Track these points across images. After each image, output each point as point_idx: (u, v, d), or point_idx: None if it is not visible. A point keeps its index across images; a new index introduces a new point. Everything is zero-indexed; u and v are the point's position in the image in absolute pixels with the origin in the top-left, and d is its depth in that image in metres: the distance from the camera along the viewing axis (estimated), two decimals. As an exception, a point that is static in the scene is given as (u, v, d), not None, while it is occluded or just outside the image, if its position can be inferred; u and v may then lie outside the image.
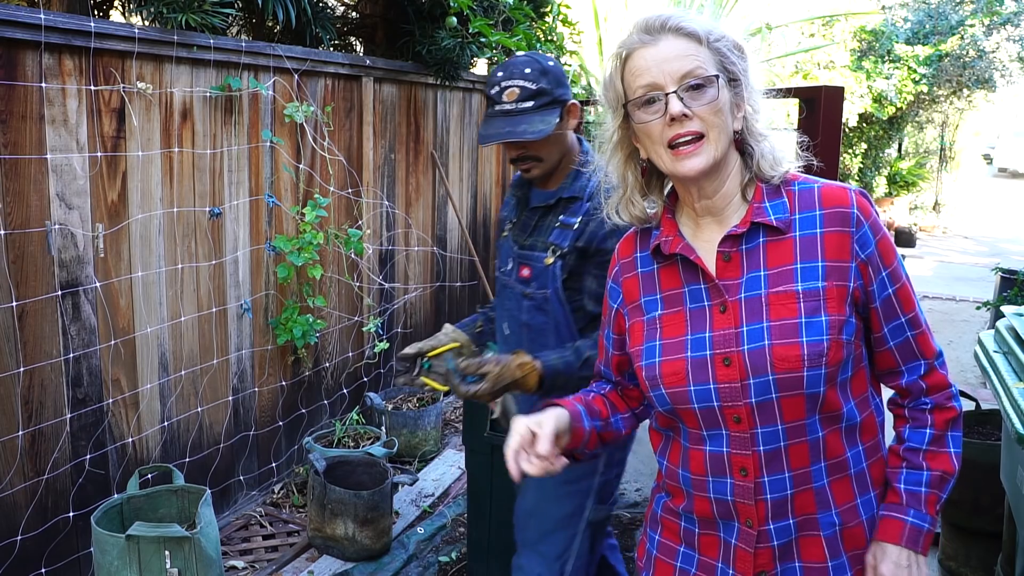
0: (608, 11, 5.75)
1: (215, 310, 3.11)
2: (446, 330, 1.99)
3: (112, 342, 2.68)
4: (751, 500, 1.21)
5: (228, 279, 3.17)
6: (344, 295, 3.81)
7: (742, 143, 1.26)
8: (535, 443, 1.20)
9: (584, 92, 5.25)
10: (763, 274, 1.21)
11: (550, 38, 5.22)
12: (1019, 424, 1.94)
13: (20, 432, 2.40)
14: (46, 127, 2.41)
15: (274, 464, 3.48)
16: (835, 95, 3.28)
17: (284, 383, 3.48)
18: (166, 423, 2.94)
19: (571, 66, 5.37)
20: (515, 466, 1.20)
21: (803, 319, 1.17)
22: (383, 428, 3.56)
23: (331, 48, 4.16)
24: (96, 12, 3.50)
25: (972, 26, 11.06)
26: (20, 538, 2.42)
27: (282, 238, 3.28)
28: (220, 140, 3.06)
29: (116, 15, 3.69)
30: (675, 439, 1.30)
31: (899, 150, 13.67)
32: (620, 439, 1.45)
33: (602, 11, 5.74)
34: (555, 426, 1.24)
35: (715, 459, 1.23)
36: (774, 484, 1.20)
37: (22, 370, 2.40)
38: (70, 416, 2.56)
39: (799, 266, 1.19)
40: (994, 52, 11.35)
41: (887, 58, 10.90)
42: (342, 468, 3.12)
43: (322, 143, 3.54)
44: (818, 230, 1.20)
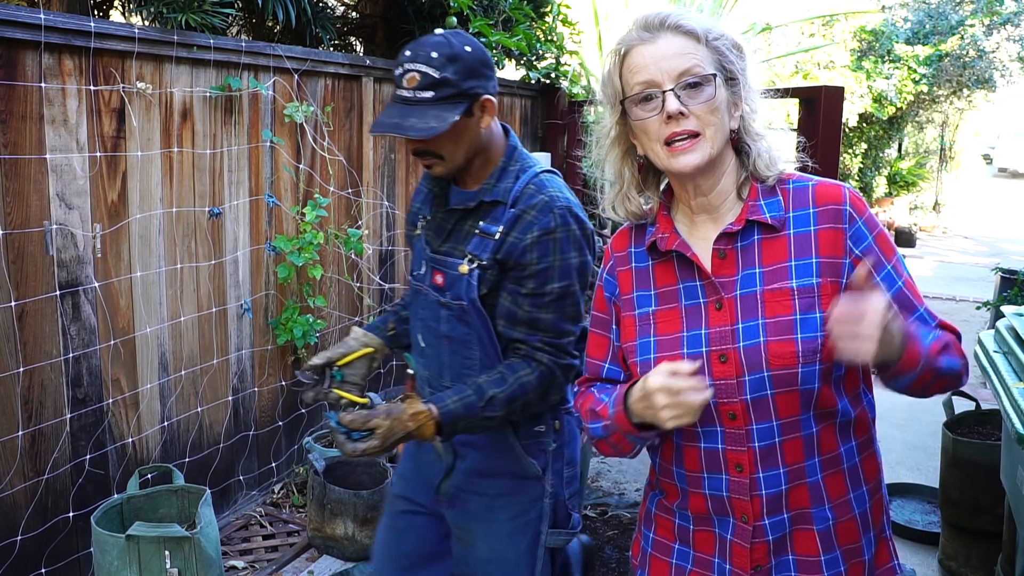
0: (608, 11, 5.74)
1: (215, 310, 3.11)
2: (356, 335, 1.80)
3: (112, 342, 2.68)
4: (746, 496, 1.22)
5: (228, 279, 3.17)
6: (344, 295, 3.81)
7: (739, 142, 1.27)
8: (681, 377, 1.12)
9: (584, 92, 5.25)
10: (758, 271, 1.22)
11: (550, 38, 5.22)
12: (1019, 424, 1.94)
13: (20, 432, 2.40)
14: (46, 127, 2.41)
15: (274, 464, 3.48)
16: (835, 95, 3.28)
17: (284, 383, 3.48)
18: (166, 423, 2.94)
19: (571, 66, 5.37)
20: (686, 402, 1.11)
21: (798, 316, 1.18)
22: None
23: (331, 48, 4.16)
24: (96, 12, 3.50)
25: (972, 26, 11.06)
26: (20, 538, 2.42)
27: (282, 238, 3.28)
28: (220, 140, 3.06)
29: (116, 15, 3.69)
30: (668, 436, 1.30)
31: (899, 150, 13.68)
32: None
33: (602, 11, 5.73)
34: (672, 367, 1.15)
35: (710, 456, 1.24)
36: (769, 480, 1.21)
37: (21, 370, 2.40)
38: (70, 416, 2.56)
39: (794, 263, 1.20)
40: (994, 52, 11.36)
41: (887, 58, 10.91)
42: (342, 468, 3.12)
43: (322, 143, 3.54)
44: (812, 227, 1.21)
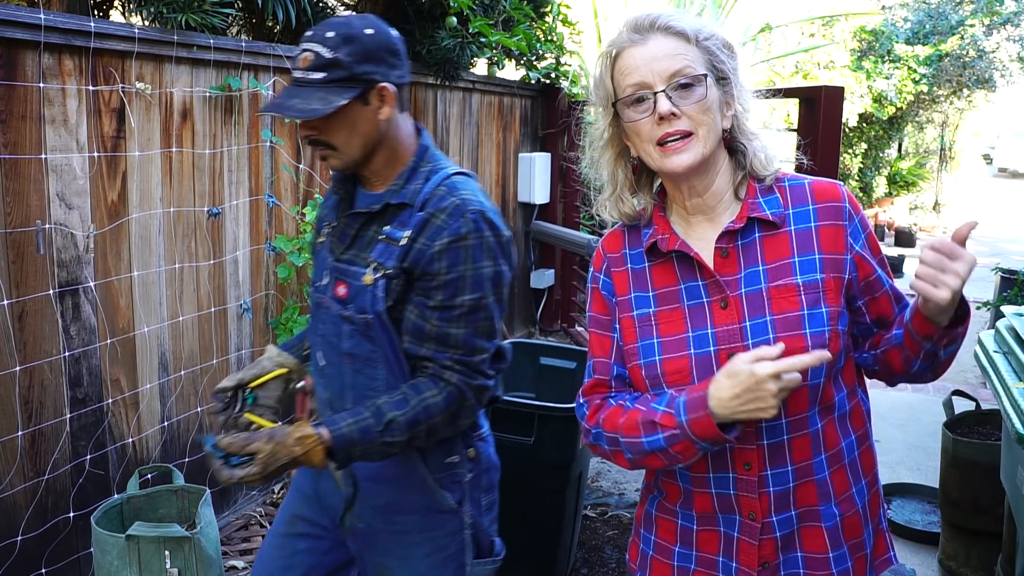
0: (608, 10, 5.75)
1: (215, 310, 3.11)
2: (270, 354, 1.70)
3: (111, 341, 2.68)
4: (755, 493, 1.22)
5: (228, 279, 3.17)
6: (344, 295, 3.81)
7: (733, 141, 1.27)
8: (767, 356, 1.12)
9: (583, 92, 5.26)
10: (761, 268, 1.22)
11: (550, 38, 5.22)
12: (1019, 424, 1.94)
13: (20, 432, 2.40)
14: (46, 127, 2.41)
15: (274, 464, 3.48)
16: (835, 95, 3.28)
17: (284, 383, 3.48)
18: (166, 423, 2.94)
19: (571, 66, 5.37)
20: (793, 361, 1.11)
21: (805, 311, 1.19)
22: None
23: (331, 48, 4.15)
24: (96, 12, 3.50)
25: (972, 26, 11.07)
26: (20, 538, 2.42)
27: (282, 238, 3.28)
28: (220, 140, 3.06)
29: (116, 15, 3.69)
30: None
31: (899, 150, 13.69)
32: None
33: (602, 11, 5.74)
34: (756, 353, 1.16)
35: (717, 454, 1.24)
36: (777, 477, 1.22)
37: (18, 369, 2.39)
38: (70, 416, 2.56)
39: (797, 259, 1.21)
40: (994, 52, 11.36)
41: (887, 58, 10.91)
42: (342, 468, 3.12)
43: (322, 143, 3.53)
44: (812, 224, 1.23)
